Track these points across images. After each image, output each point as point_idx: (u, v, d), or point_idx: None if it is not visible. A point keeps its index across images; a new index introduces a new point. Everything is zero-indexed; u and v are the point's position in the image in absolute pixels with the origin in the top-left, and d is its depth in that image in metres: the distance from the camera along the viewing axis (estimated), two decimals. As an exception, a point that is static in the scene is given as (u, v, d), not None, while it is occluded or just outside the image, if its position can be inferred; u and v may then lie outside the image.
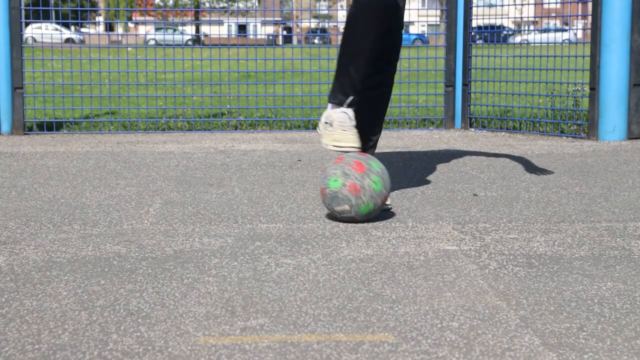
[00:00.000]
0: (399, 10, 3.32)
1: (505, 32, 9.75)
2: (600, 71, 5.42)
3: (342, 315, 2.04)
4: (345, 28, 3.26)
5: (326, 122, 3.25)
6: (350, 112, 3.23)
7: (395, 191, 3.67)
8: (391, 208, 3.24)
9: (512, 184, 3.86)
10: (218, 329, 1.94)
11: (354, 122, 3.22)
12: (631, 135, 5.49)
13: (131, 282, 2.31)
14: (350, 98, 3.25)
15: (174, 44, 6.85)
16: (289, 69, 6.57)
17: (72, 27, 18.49)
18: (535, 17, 7.74)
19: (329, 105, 3.30)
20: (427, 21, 7.88)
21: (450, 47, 6.13)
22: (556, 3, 6.19)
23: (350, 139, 3.19)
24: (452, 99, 6.16)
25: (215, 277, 2.36)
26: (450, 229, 2.96)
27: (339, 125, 3.20)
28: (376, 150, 3.65)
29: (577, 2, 6.41)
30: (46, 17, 18.62)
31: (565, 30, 7.38)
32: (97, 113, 6.62)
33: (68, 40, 17.15)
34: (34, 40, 21.38)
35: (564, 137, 5.66)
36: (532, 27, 14.14)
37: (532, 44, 7.10)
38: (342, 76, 3.26)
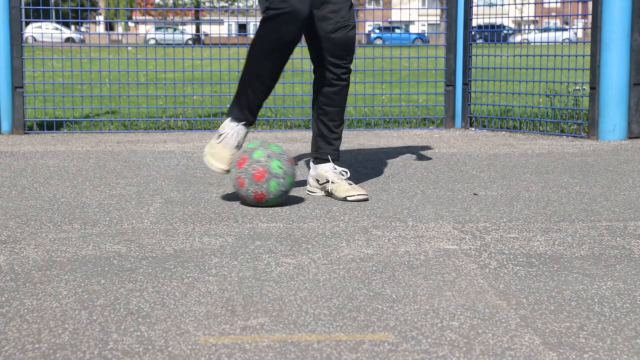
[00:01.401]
0: (310, 19, 3.36)
1: (505, 32, 9.75)
2: (600, 70, 5.42)
3: (343, 314, 2.04)
4: (250, 48, 3.37)
5: (221, 133, 3.42)
6: (242, 131, 3.41)
7: (396, 190, 3.67)
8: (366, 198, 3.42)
9: (512, 183, 3.87)
10: (218, 328, 1.94)
11: (239, 143, 3.40)
12: (631, 135, 5.49)
13: (131, 281, 2.31)
14: (243, 121, 3.41)
15: (174, 44, 6.85)
16: (289, 68, 6.57)
17: (72, 27, 18.50)
18: (535, 17, 7.74)
19: (227, 118, 3.46)
20: (427, 20, 7.89)
21: (451, 47, 6.13)
22: (556, 2, 6.18)
23: (224, 159, 3.38)
24: (452, 98, 6.16)
25: (216, 276, 2.36)
26: (451, 228, 2.97)
27: (224, 140, 3.39)
28: (377, 150, 3.65)
29: (577, 2, 6.41)
30: (46, 16, 18.58)
31: (566, 30, 7.39)
32: (97, 112, 6.62)
33: (68, 39, 17.16)
34: (34, 39, 21.39)
35: (564, 137, 5.66)
36: (532, 27, 14.14)
37: (532, 44, 7.09)
38: (242, 95, 3.41)
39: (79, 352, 1.80)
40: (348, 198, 3.40)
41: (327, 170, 3.50)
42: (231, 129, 3.39)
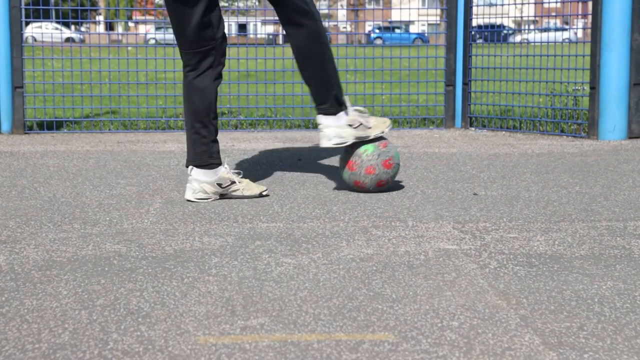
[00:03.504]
0: None
1: (505, 31, 9.75)
2: (600, 70, 5.42)
3: (342, 314, 2.04)
4: (321, 43, 3.52)
5: (351, 125, 3.53)
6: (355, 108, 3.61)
7: (396, 190, 3.67)
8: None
9: (512, 183, 3.87)
10: (218, 328, 1.94)
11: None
12: (631, 135, 5.49)
13: (131, 281, 2.31)
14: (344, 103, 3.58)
15: (174, 43, 6.84)
16: (289, 68, 6.57)
17: (72, 27, 18.50)
18: (535, 16, 7.74)
19: (332, 117, 3.54)
20: (427, 20, 7.89)
21: (451, 46, 6.13)
22: (556, 2, 6.18)
23: (378, 119, 3.61)
24: (452, 98, 6.16)
25: (216, 276, 2.36)
26: (451, 228, 2.96)
27: (366, 119, 3.55)
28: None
29: (577, 2, 6.40)
30: (46, 16, 18.59)
31: (566, 30, 7.39)
32: (97, 112, 6.62)
33: (68, 39, 17.16)
34: (34, 39, 21.40)
35: (564, 137, 5.66)
36: (532, 26, 14.15)
37: (532, 43, 7.10)
38: (334, 88, 3.55)
39: (79, 352, 1.80)
40: (263, 193, 3.53)
41: (227, 172, 3.48)
42: (353, 116, 3.54)
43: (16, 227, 2.98)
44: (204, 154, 3.45)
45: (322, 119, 3.53)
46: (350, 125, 3.51)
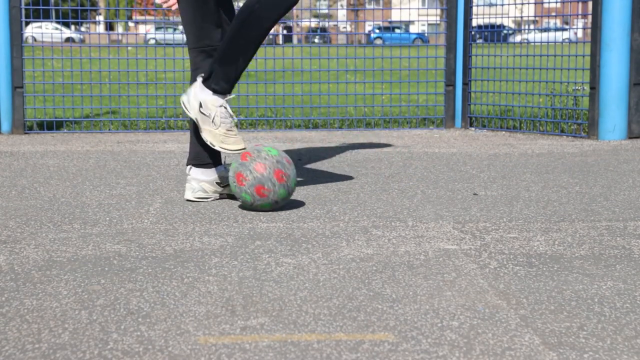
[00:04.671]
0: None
1: (505, 31, 9.75)
2: (600, 70, 5.42)
3: (342, 314, 2.04)
4: (244, 21, 3.22)
5: (203, 112, 3.27)
6: (228, 106, 3.30)
7: (396, 190, 3.67)
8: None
9: (512, 183, 3.87)
10: (218, 328, 1.94)
11: (233, 118, 3.32)
12: (631, 135, 5.49)
13: (131, 281, 2.31)
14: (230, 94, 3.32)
15: (174, 43, 6.85)
16: (289, 68, 6.57)
17: (72, 27, 18.50)
18: (535, 16, 7.74)
19: (202, 86, 3.28)
20: (427, 20, 7.89)
21: (451, 46, 6.13)
22: (556, 2, 6.18)
23: (238, 140, 3.30)
24: (452, 98, 6.16)
25: (216, 276, 2.36)
26: (451, 228, 2.96)
27: (222, 124, 3.27)
28: (377, 150, 3.65)
29: (577, 2, 6.41)
30: (46, 16, 18.58)
31: (566, 30, 7.39)
32: (97, 112, 6.62)
33: (68, 39, 17.16)
34: (34, 39, 21.39)
35: (564, 137, 5.66)
36: (532, 26, 14.15)
37: (532, 43, 7.10)
38: (228, 65, 3.25)
39: (79, 352, 1.80)
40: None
41: (227, 170, 3.44)
42: (219, 106, 3.28)
43: (16, 227, 2.98)
44: (202, 153, 3.44)
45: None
46: (200, 105, 3.28)
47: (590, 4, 5.54)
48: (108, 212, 3.24)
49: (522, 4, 6.18)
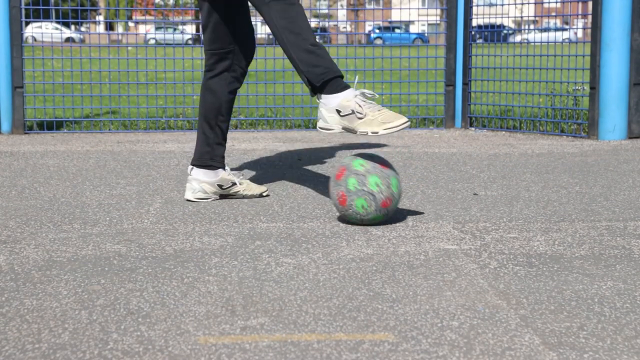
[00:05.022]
0: None
1: (505, 32, 9.75)
2: (600, 70, 5.42)
3: (342, 314, 2.04)
4: (285, 27, 3.08)
5: (344, 115, 3.01)
6: (359, 91, 3.06)
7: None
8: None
9: (512, 183, 3.86)
10: (218, 328, 1.94)
11: (374, 95, 3.10)
12: (631, 135, 5.49)
13: (131, 281, 2.31)
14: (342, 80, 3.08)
15: (174, 43, 6.85)
16: (289, 68, 6.57)
17: (72, 27, 18.49)
18: (535, 16, 7.74)
19: (323, 100, 3.04)
20: (427, 20, 7.89)
21: (451, 46, 6.13)
22: (556, 2, 6.18)
23: (395, 115, 3.01)
24: (452, 98, 6.16)
25: (216, 276, 2.36)
26: (451, 228, 2.96)
27: (368, 108, 3.01)
28: (377, 150, 3.64)
29: (577, 2, 6.40)
30: (46, 16, 18.56)
31: (566, 30, 7.39)
32: (97, 112, 6.62)
33: (68, 39, 17.16)
34: (34, 39, 21.39)
35: (564, 137, 5.66)
36: (532, 26, 14.15)
37: (532, 43, 7.10)
38: (310, 61, 3.05)
39: (79, 352, 1.80)
40: (264, 194, 3.49)
41: (229, 173, 3.45)
42: (353, 96, 3.03)
43: (16, 227, 2.98)
44: (206, 155, 3.44)
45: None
46: (338, 112, 3.03)
47: (590, 4, 5.54)
48: (108, 212, 3.24)
49: (522, 4, 6.18)
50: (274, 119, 6.22)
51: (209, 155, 3.44)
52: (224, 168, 3.47)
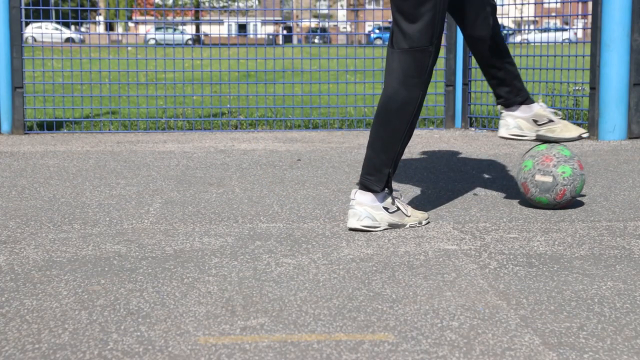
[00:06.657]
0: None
1: (505, 31, 9.74)
2: (600, 71, 5.42)
3: (342, 314, 2.04)
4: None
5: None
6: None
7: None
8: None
9: (512, 183, 3.86)
10: (218, 328, 1.94)
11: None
12: (631, 135, 5.49)
13: (131, 281, 2.31)
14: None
15: (174, 44, 6.85)
16: (289, 69, 6.57)
17: (72, 27, 18.50)
18: (535, 17, 7.74)
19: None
20: (427, 20, 7.85)
21: (451, 47, 6.13)
22: (556, 2, 6.18)
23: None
24: (452, 99, 6.16)
25: (216, 276, 2.36)
26: (451, 228, 2.96)
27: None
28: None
29: (577, 2, 6.41)
30: (46, 16, 18.58)
31: (566, 30, 7.39)
32: (97, 112, 6.62)
33: (68, 39, 17.16)
34: (34, 39, 21.39)
35: (564, 137, 5.65)
36: (532, 27, 14.15)
37: (532, 44, 7.10)
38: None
39: (79, 352, 1.80)
40: (583, 135, 3.35)
41: (544, 109, 3.38)
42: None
43: (16, 227, 2.98)
44: (511, 93, 3.34)
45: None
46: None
47: (590, 4, 5.54)
48: (108, 212, 3.24)
49: (522, 4, 6.18)
50: (274, 119, 6.22)
51: (515, 93, 3.33)
52: (537, 102, 3.39)
